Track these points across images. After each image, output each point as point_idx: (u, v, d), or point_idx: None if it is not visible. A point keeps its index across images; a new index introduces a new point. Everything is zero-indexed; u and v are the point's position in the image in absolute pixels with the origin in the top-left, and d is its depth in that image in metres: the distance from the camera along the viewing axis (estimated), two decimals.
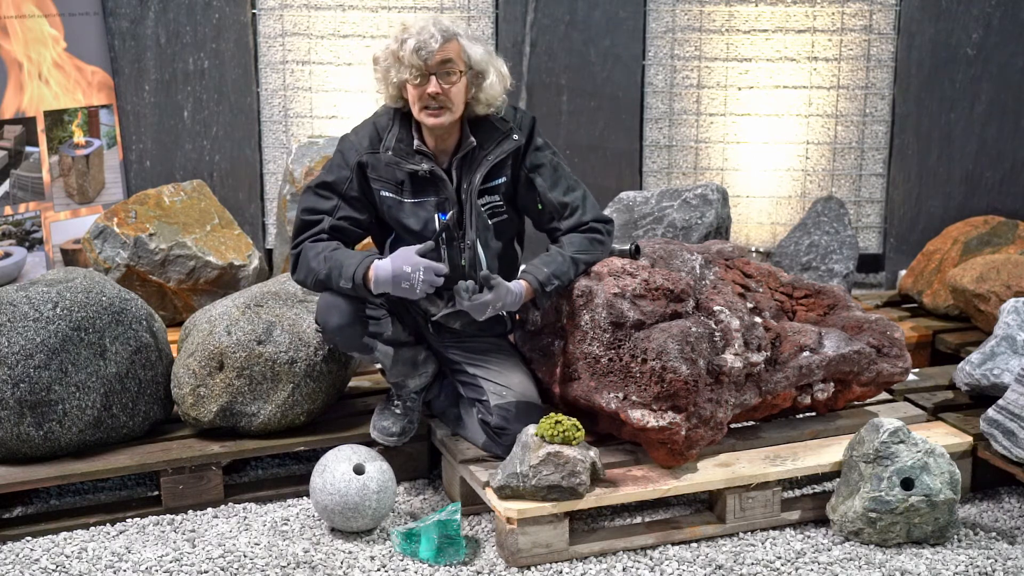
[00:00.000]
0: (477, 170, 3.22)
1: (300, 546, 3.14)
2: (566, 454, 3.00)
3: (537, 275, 3.19)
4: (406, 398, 3.40)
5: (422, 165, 3.18)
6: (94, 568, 3.03)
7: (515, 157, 3.26)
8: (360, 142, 3.24)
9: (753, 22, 5.18)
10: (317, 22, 5.18)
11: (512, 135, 3.24)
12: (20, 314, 3.24)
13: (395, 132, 3.21)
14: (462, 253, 3.26)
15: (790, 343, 3.35)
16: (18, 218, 4.79)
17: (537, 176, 3.28)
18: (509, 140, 3.23)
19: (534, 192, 3.29)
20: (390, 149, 3.20)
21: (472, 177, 3.22)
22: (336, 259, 3.16)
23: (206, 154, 5.20)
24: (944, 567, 3.02)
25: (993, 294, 4.03)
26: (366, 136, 3.24)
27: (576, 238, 3.29)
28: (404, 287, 3.08)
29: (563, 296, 3.28)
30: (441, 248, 3.24)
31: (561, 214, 3.30)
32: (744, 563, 3.06)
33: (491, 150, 3.22)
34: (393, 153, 3.20)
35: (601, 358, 3.19)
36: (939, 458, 3.12)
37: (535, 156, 3.28)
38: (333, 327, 3.24)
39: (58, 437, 3.27)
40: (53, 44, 4.85)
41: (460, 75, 3.13)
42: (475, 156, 3.22)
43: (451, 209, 3.22)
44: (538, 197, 3.29)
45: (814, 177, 5.32)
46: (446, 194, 3.21)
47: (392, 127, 3.22)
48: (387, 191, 3.24)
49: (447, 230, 3.23)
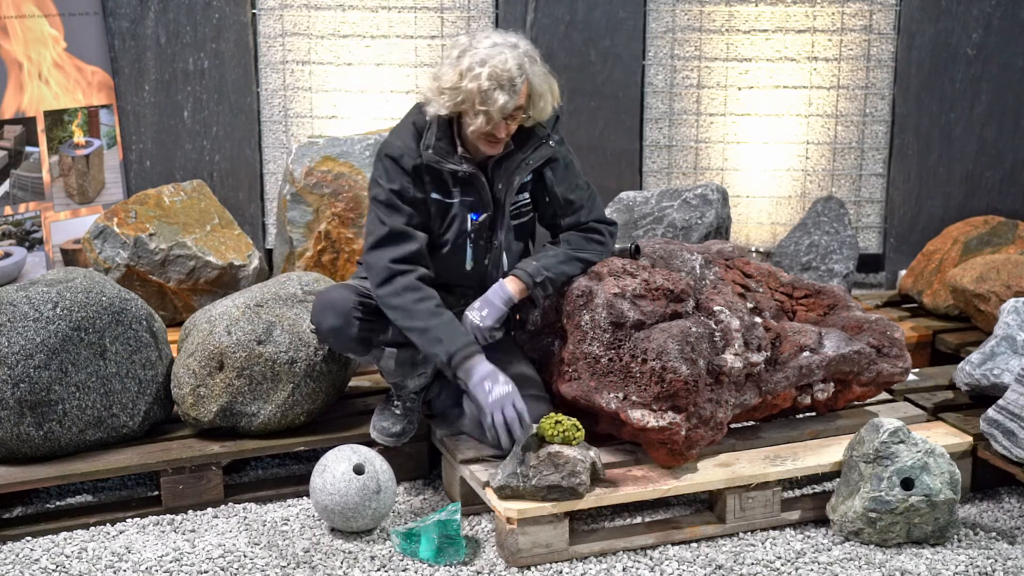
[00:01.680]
0: (516, 174, 3.23)
1: (300, 546, 3.14)
2: (566, 454, 3.00)
3: (526, 268, 3.22)
4: (406, 398, 3.40)
5: (463, 166, 3.17)
6: (94, 568, 3.03)
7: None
8: (410, 146, 3.18)
9: (753, 22, 5.18)
10: (317, 22, 5.18)
11: (549, 141, 3.25)
12: (20, 314, 3.24)
13: (434, 131, 3.18)
14: (487, 253, 3.28)
15: (790, 343, 3.35)
16: (18, 218, 4.78)
17: (548, 170, 3.29)
18: (546, 147, 3.25)
19: (543, 185, 3.30)
20: (430, 147, 3.17)
21: (510, 180, 3.23)
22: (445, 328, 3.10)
23: (206, 154, 5.19)
24: (944, 567, 3.02)
25: (993, 294, 4.03)
26: (412, 139, 3.20)
27: (574, 236, 3.31)
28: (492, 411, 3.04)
29: (563, 296, 3.28)
30: (467, 247, 3.26)
31: (564, 211, 3.32)
32: (744, 563, 3.05)
33: (529, 154, 3.23)
34: (434, 152, 3.17)
35: (601, 358, 3.19)
36: (939, 458, 3.12)
37: (551, 150, 3.30)
38: (327, 328, 3.24)
39: (58, 437, 3.27)
40: (53, 44, 4.85)
41: (523, 111, 3.14)
42: (512, 157, 3.23)
43: (485, 212, 3.23)
44: (545, 190, 3.30)
45: (814, 177, 5.32)
46: (482, 196, 3.22)
47: (431, 126, 3.18)
48: (437, 193, 3.22)
49: (477, 230, 3.24)
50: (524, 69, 3.09)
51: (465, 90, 3.06)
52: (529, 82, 3.11)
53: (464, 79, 3.06)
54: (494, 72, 3.04)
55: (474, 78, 3.05)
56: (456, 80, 3.08)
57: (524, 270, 3.22)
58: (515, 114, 3.11)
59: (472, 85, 3.05)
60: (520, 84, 3.07)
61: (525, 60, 3.10)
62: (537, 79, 3.13)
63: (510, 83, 3.05)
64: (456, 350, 3.09)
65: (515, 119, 3.13)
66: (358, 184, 4.37)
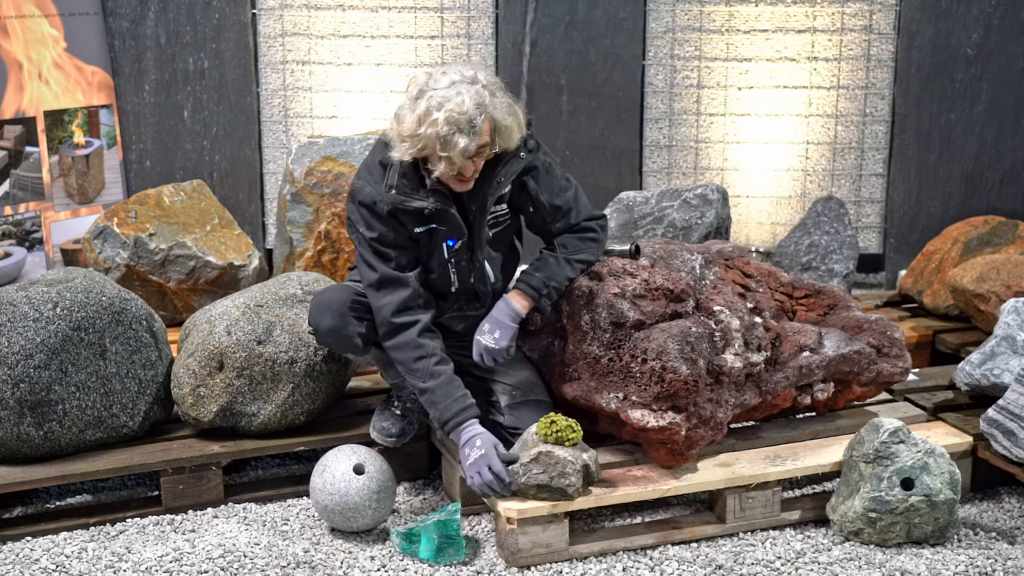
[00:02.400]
0: (489, 194, 3.17)
1: (300, 546, 3.14)
2: (556, 455, 3.00)
3: (530, 281, 3.20)
4: (406, 399, 3.40)
5: (428, 201, 3.11)
6: (94, 568, 3.03)
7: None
8: (379, 192, 3.12)
9: (753, 22, 5.18)
10: (317, 22, 5.18)
11: (520, 153, 3.18)
12: (20, 314, 3.24)
13: (396, 167, 3.10)
14: (471, 273, 3.26)
15: (790, 343, 3.35)
16: (18, 218, 4.78)
17: (529, 179, 3.24)
18: (516, 160, 3.18)
19: (525, 195, 3.26)
20: (393, 187, 3.10)
21: (484, 203, 3.18)
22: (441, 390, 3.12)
23: (206, 154, 5.19)
24: (944, 567, 3.02)
25: (993, 294, 4.03)
26: (382, 182, 3.13)
27: (568, 239, 3.29)
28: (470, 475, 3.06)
29: (563, 296, 3.28)
30: (450, 271, 3.24)
31: (553, 216, 3.28)
32: (744, 563, 3.05)
33: (501, 172, 3.16)
34: (397, 191, 3.10)
35: (601, 358, 3.19)
36: (939, 458, 3.12)
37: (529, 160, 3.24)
38: (325, 329, 3.24)
39: (58, 437, 3.27)
40: (53, 44, 4.85)
41: (489, 147, 3.07)
42: (484, 177, 3.15)
43: (461, 238, 3.20)
44: (529, 200, 3.27)
45: (814, 177, 5.32)
46: (453, 223, 3.17)
47: (393, 165, 3.11)
48: (419, 227, 3.17)
49: (455, 255, 3.22)
50: (484, 106, 2.99)
51: (424, 136, 2.97)
52: (491, 117, 3.02)
53: (422, 125, 2.97)
54: (451, 117, 2.94)
55: (432, 123, 2.95)
56: (414, 127, 2.98)
57: (528, 284, 3.20)
58: (481, 151, 3.04)
59: (431, 131, 2.96)
60: (480, 123, 2.98)
61: (485, 95, 3.00)
62: (499, 112, 3.03)
63: (469, 125, 2.96)
64: (448, 418, 3.11)
65: (481, 155, 3.05)
66: None
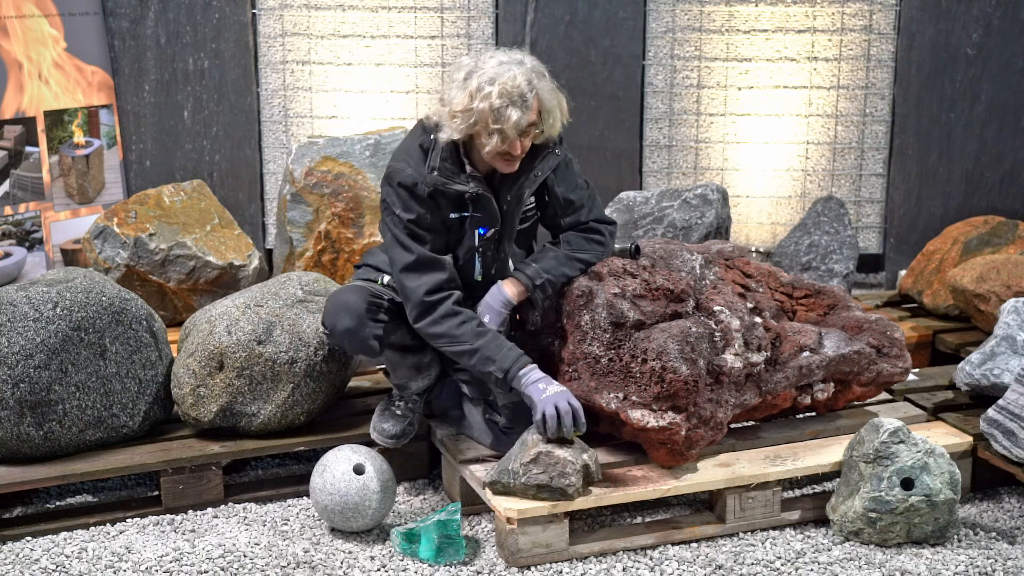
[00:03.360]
0: (525, 186, 3.21)
1: (300, 546, 3.14)
2: (557, 455, 3.00)
3: (525, 270, 3.22)
4: (408, 399, 3.40)
5: (470, 186, 3.15)
6: (94, 568, 3.03)
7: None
8: (421, 173, 3.15)
9: (753, 22, 5.18)
10: (317, 22, 5.18)
11: (555, 149, 3.23)
12: (20, 314, 3.24)
13: (439, 152, 3.14)
14: (495, 263, 3.28)
15: (790, 343, 3.35)
16: (18, 218, 4.79)
17: (551, 175, 3.28)
18: (552, 156, 3.23)
19: (544, 186, 3.30)
20: (435, 169, 3.13)
21: (520, 194, 3.21)
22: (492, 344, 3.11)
23: (206, 154, 5.19)
24: (944, 567, 3.02)
25: (993, 294, 4.03)
26: (422, 163, 3.16)
27: (573, 237, 3.31)
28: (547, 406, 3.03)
29: (563, 296, 3.28)
30: (476, 260, 3.25)
31: (565, 210, 3.31)
32: (744, 563, 3.06)
33: (538, 166, 3.21)
34: (439, 173, 3.13)
35: (601, 358, 3.19)
36: (939, 458, 3.12)
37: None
38: (342, 330, 3.23)
39: (58, 437, 3.27)
40: (53, 44, 4.85)
41: (536, 128, 3.12)
42: (521, 169, 3.19)
43: (493, 226, 3.22)
44: (546, 191, 3.30)
45: (814, 177, 5.32)
46: (490, 211, 3.21)
47: (435, 147, 3.15)
48: (454, 213, 3.20)
49: (484, 244, 3.24)
50: (533, 84, 3.06)
51: (477, 111, 3.02)
52: (539, 98, 3.08)
53: (475, 100, 3.02)
54: (504, 89, 3.01)
55: (484, 97, 3.01)
56: (467, 102, 3.03)
57: (523, 272, 3.22)
58: (528, 130, 3.09)
59: (484, 105, 3.01)
60: (531, 99, 3.05)
61: (533, 76, 3.07)
62: (546, 95, 3.10)
63: (521, 99, 3.03)
64: (510, 365, 3.09)
65: (528, 135, 3.10)
66: (358, 184, 4.37)
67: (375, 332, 3.22)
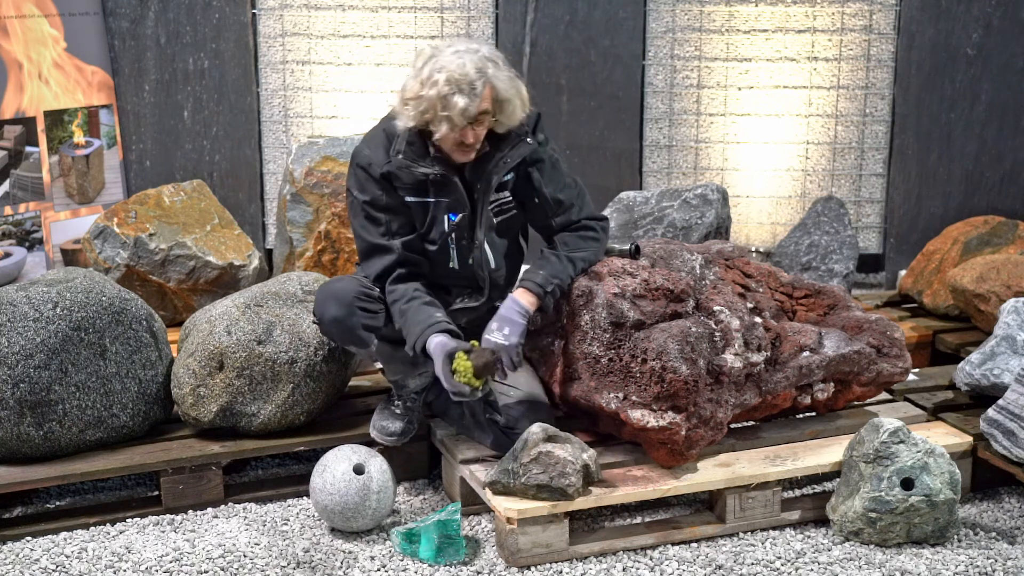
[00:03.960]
0: (493, 172, 3.22)
1: (300, 546, 3.14)
2: (557, 455, 3.00)
3: (534, 278, 3.21)
4: (406, 398, 3.40)
5: (433, 168, 3.18)
6: (94, 568, 3.03)
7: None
8: (377, 155, 3.22)
9: (753, 22, 5.18)
10: (317, 22, 5.18)
11: (526, 138, 3.24)
12: (20, 314, 3.24)
13: (405, 136, 3.18)
14: (471, 252, 3.28)
15: (790, 343, 3.35)
16: (18, 218, 4.79)
17: (535, 171, 3.29)
18: (523, 144, 3.24)
19: (531, 186, 3.30)
20: (400, 153, 3.18)
21: (488, 181, 3.23)
22: (407, 322, 3.17)
23: (206, 154, 5.19)
24: (944, 567, 3.02)
25: (993, 294, 4.03)
26: (381, 147, 3.22)
27: (569, 237, 3.31)
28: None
29: (563, 296, 3.28)
30: (450, 247, 3.26)
31: (555, 211, 3.32)
32: (744, 563, 3.05)
33: (507, 153, 3.22)
34: (404, 156, 3.18)
35: (601, 358, 3.19)
36: (939, 458, 3.12)
37: (536, 151, 3.29)
38: (329, 318, 3.24)
39: (58, 437, 3.27)
40: (53, 44, 4.85)
41: (490, 115, 3.13)
42: (489, 156, 3.22)
43: (462, 211, 3.23)
44: (534, 192, 3.30)
45: (814, 177, 5.32)
46: (458, 197, 3.22)
47: (403, 132, 3.19)
48: (412, 196, 3.23)
49: (456, 230, 3.24)
50: (484, 72, 3.07)
51: (426, 98, 3.05)
52: (493, 86, 3.09)
53: (424, 87, 3.06)
54: (451, 77, 3.03)
55: (432, 84, 3.04)
56: (417, 90, 3.07)
57: (533, 280, 3.22)
58: (480, 119, 3.09)
59: (432, 92, 3.04)
60: (481, 88, 3.05)
61: (488, 65, 3.09)
62: (502, 83, 3.11)
63: (469, 87, 3.04)
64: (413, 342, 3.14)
65: (481, 124, 3.11)
66: None
67: (364, 322, 3.23)
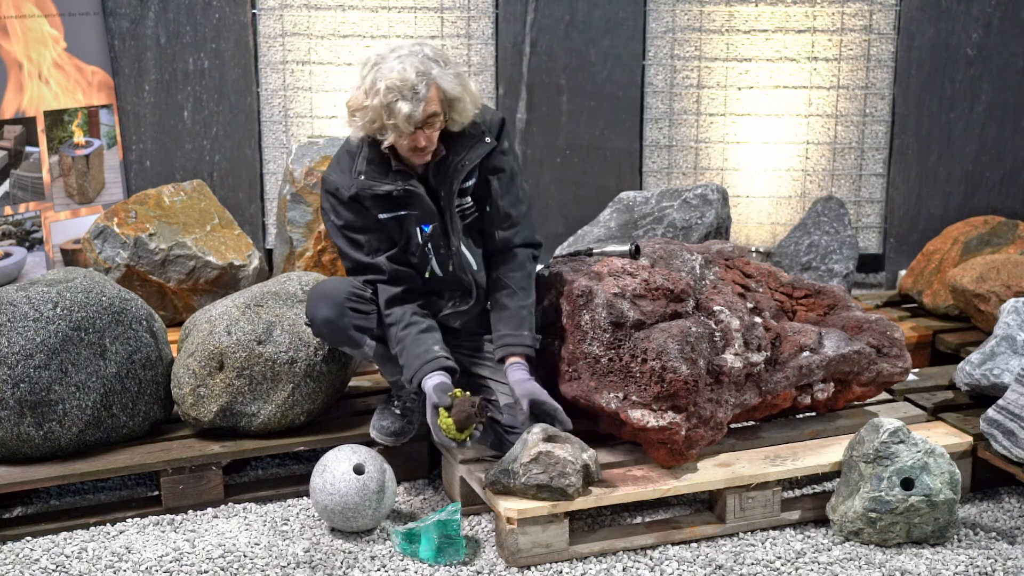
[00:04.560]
0: (454, 178, 3.19)
1: (300, 546, 3.14)
2: (556, 455, 3.00)
3: (522, 342, 3.22)
4: (406, 398, 3.40)
5: (396, 184, 3.15)
6: (94, 568, 3.03)
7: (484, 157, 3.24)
8: (343, 179, 3.19)
9: (753, 22, 5.18)
10: (317, 22, 5.18)
11: (485, 138, 3.21)
12: (20, 314, 3.24)
13: (365, 153, 3.16)
14: (449, 259, 3.27)
15: (790, 343, 3.35)
16: (18, 218, 4.79)
17: (495, 179, 3.25)
18: (482, 144, 3.20)
19: (487, 192, 3.27)
20: (362, 173, 3.16)
21: (450, 185, 3.20)
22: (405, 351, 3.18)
23: (206, 154, 5.20)
24: (944, 567, 3.02)
25: (993, 294, 4.03)
26: (345, 169, 3.20)
27: (511, 276, 3.29)
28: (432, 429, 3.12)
29: (563, 296, 3.28)
30: (429, 257, 3.25)
31: (501, 223, 3.29)
32: (744, 563, 3.06)
33: (464, 155, 3.19)
34: (365, 177, 3.15)
35: (601, 358, 3.19)
36: (939, 458, 3.12)
37: (499, 159, 3.25)
38: (321, 319, 3.24)
39: (58, 437, 3.27)
40: (53, 44, 4.85)
41: (440, 116, 3.09)
42: (449, 162, 3.19)
43: (433, 221, 3.21)
44: (489, 200, 3.27)
45: (814, 177, 5.32)
46: (424, 207, 3.19)
47: (363, 148, 3.17)
48: (383, 213, 3.21)
49: (431, 240, 3.23)
50: (427, 75, 3.01)
51: (371, 108, 3.01)
52: (438, 87, 3.04)
53: (368, 97, 3.02)
54: (392, 84, 2.98)
55: (375, 93, 3.00)
56: (361, 100, 3.04)
57: (522, 344, 3.22)
58: (430, 121, 3.05)
59: (375, 101, 3.00)
60: (424, 90, 3.00)
61: (431, 65, 3.03)
62: (447, 83, 3.05)
63: (412, 91, 2.99)
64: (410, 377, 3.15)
65: (432, 126, 3.06)
66: None
67: (356, 322, 3.22)
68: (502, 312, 3.27)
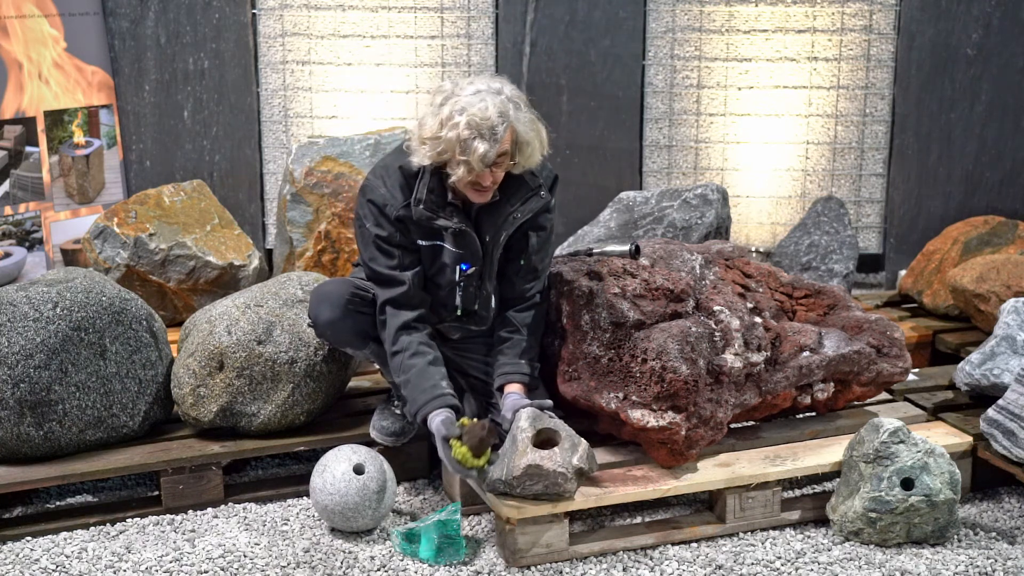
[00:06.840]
0: (503, 228, 3.17)
1: (300, 546, 3.14)
2: (546, 468, 2.97)
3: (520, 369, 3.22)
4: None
5: (453, 220, 3.12)
6: (94, 568, 3.03)
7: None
8: (395, 197, 3.14)
9: (753, 22, 5.18)
10: (317, 22, 5.18)
11: (540, 192, 3.19)
12: (20, 314, 3.24)
13: (426, 181, 3.11)
14: (477, 299, 3.26)
15: (790, 343, 3.35)
16: (18, 218, 4.79)
17: (535, 236, 3.24)
18: (536, 198, 3.18)
19: (524, 247, 3.25)
20: (422, 203, 3.10)
21: (498, 234, 3.18)
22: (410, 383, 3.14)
23: (206, 154, 5.20)
24: (944, 567, 3.02)
25: (993, 294, 4.03)
26: (398, 188, 3.14)
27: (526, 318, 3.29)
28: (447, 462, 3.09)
29: (563, 296, 3.28)
30: (457, 293, 3.24)
31: (527, 276, 3.29)
32: (744, 563, 3.06)
33: (518, 207, 3.17)
34: (425, 207, 3.10)
35: (601, 358, 3.19)
36: (939, 458, 3.12)
37: (544, 217, 3.24)
38: (324, 321, 3.24)
39: (58, 437, 3.27)
40: (53, 44, 4.85)
41: (508, 157, 3.07)
42: (500, 209, 3.16)
43: (476, 264, 3.20)
44: (523, 253, 3.26)
45: (814, 177, 5.32)
46: (472, 249, 3.18)
47: (423, 176, 3.11)
48: (424, 240, 3.19)
49: (467, 279, 3.22)
50: (507, 116, 2.99)
51: (445, 139, 2.98)
52: (514, 129, 3.02)
53: (444, 128, 2.98)
54: (473, 121, 2.95)
55: (453, 127, 2.97)
56: (436, 130, 3.00)
57: (520, 372, 3.22)
58: (499, 161, 3.03)
59: (452, 134, 2.97)
60: (502, 132, 2.98)
61: (509, 107, 3.01)
62: (523, 126, 3.04)
63: (491, 131, 2.96)
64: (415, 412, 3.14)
65: (500, 166, 3.04)
66: (358, 184, 4.37)
67: (358, 324, 3.22)
68: (503, 344, 3.28)
